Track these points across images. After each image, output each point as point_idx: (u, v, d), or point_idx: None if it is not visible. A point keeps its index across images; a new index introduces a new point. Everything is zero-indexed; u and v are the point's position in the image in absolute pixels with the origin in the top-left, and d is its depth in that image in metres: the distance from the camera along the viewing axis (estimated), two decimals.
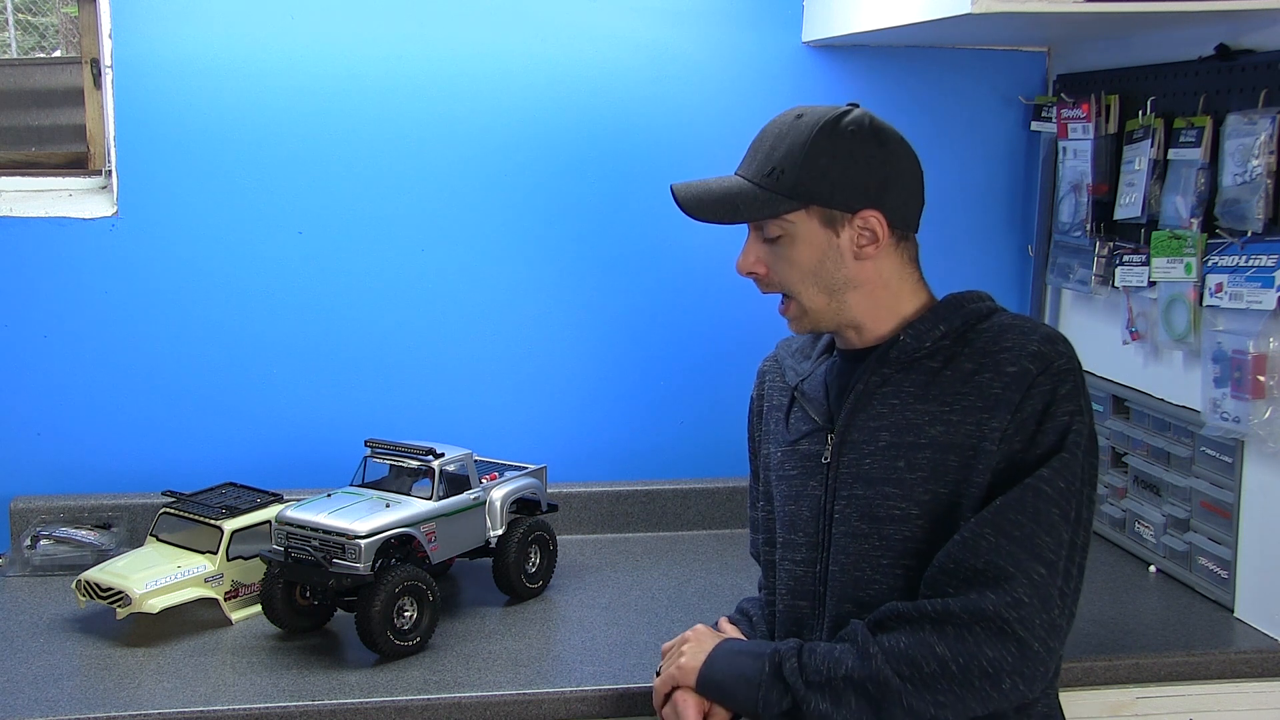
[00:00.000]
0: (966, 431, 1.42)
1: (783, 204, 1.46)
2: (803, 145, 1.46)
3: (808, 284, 1.50)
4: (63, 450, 2.18)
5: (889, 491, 1.45)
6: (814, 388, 1.58)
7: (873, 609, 1.44)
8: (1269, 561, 1.83)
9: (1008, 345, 1.44)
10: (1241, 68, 1.85)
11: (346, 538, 1.72)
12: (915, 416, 1.46)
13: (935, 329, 1.48)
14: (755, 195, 1.47)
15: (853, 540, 1.48)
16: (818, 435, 1.54)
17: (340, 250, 2.23)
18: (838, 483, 1.50)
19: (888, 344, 1.50)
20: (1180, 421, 1.99)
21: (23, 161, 2.25)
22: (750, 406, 1.73)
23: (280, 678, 1.67)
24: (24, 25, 3.03)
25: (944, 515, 1.43)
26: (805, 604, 1.54)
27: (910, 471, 1.44)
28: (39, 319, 2.15)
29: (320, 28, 2.17)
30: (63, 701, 1.58)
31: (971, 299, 1.52)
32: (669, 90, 2.30)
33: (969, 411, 1.42)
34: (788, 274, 1.50)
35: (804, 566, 1.54)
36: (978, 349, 1.46)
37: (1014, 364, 1.42)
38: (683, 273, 2.35)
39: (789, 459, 1.58)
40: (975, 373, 1.44)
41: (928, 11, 1.85)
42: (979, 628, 1.33)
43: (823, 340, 1.63)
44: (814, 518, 1.53)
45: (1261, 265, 1.77)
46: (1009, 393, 1.41)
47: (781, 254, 1.49)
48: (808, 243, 1.48)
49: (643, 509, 2.33)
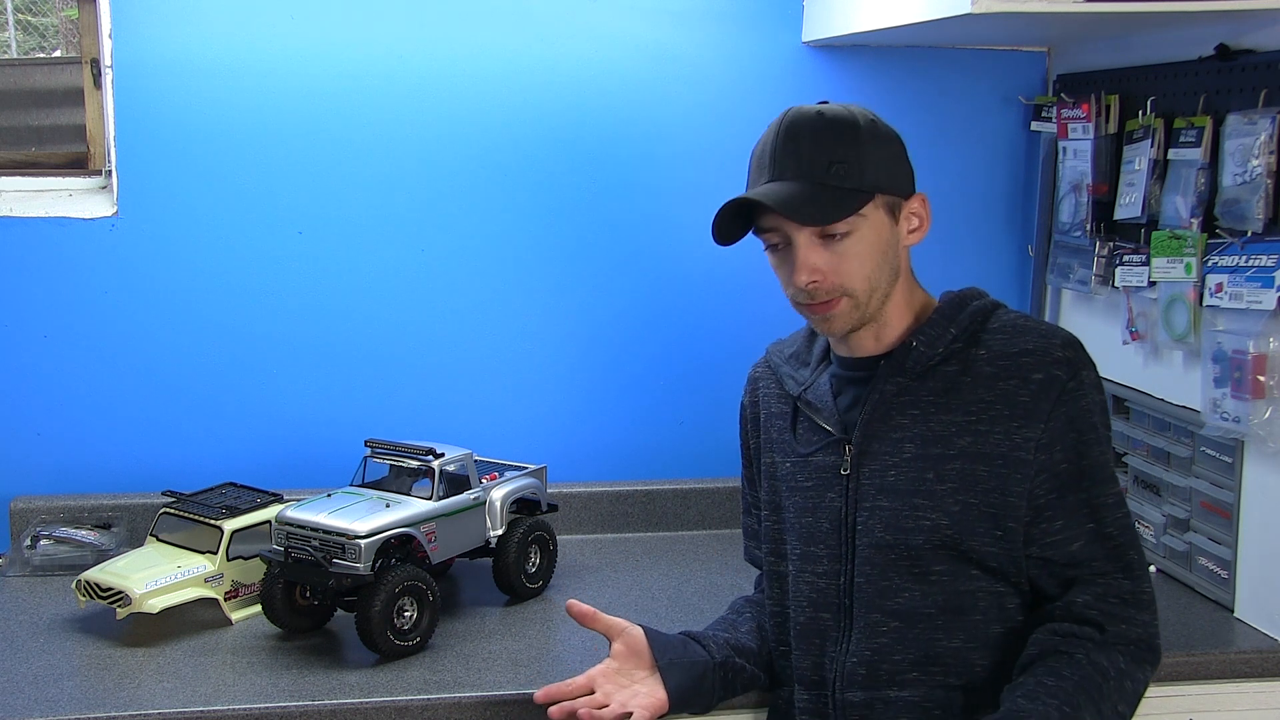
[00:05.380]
0: (996, 441, 1.42)
1: (859, 197, 1.43)
2: (854, 135, 1.43)
3: (871, 278, 1.46)
4: (63, 450, 2.18)
5: (918, 503, 1.45)
6: (820, 397, 1.56)
7: (902, 616, 1.45)
8: (1269, 561, 1.83)
9: (1029, 349, 1.44)
10: (1241, 68, 1.85)
11: (346, 538, 1.72)
12: (940, 427, 1.45)
13: (946, 333, 1.48)
14: (828, 194, 1.42)
15: (878, 551, 1.47)
16: (833, 447, 1.52)
17: (340, 250, 2.23)
18: (859, 494, 1.49)
19: (901, 352, 1.49)
20: (1180, 421, 1.99)
21: (23, 161, 2.25)
22: (743, 414, 1.72)
23: (280, 678, 1.67)
24: (24, 25, 3.03)
25: (973, 524, 1.43)
26: (828, 616, 1.53)
27: (940, 483, 1.44)
28: (39, 319, 2.15)
29: (320, 28, 2.17)
30: (63, 701, 1.58)
31: (972, 296, 1.52)
32: (669, 90, 2.30)
33: (997, 420, 1.42)
34: (855, 271, 1.44)
35: (826, 579, 1.52)
36: (995, 352, 1.45)
37: (1040, 370, 1.42)
38: (682, 273, 2.35)
39: (801, 470, 1.56)
40: (998, 378, 1.43)
41: (928, 11, 1.85)
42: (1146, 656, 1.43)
43: (818, 346, 1.61)
44: (834, 530, 1.51)
45: (1261, 265, 1.77)
46: (1038, 401, 1.41)
47: (848, 251, 1.44)
48: (876, 234, 1.45)
49: (643, 509, 2.33)
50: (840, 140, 1.43)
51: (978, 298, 1.52)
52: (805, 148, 1.44)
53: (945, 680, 1.45)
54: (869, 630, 1.47)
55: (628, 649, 1.58)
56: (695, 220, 2.34)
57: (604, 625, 1.60)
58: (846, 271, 1.44)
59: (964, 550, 1.43)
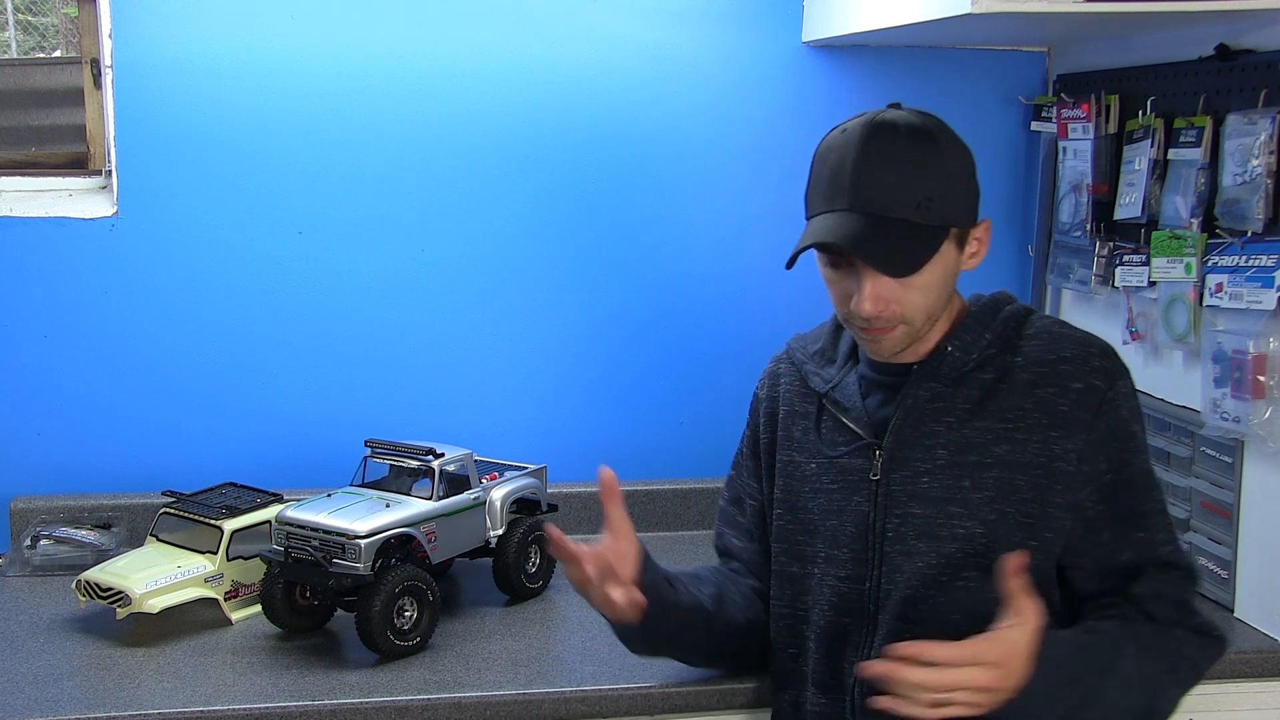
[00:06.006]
0: (1034, 449, 1.41)
1: (940, 235, 1.39)
2: (940, 164, 1.40)
3: (932, 309, 1.43)
4: (63, 450, 2.18)
5: (953, 511, 1.43)
6: (848, 397, 1.53)
7: (926, 624, 1.43)
8: (1269, 561, 1.83)
9: (1067, 356, 1.43)
10: (1241, 68, 1.85)
11: (346, 538, 1.72)
12: (975, 434, 1.43)
13: (981, 338, 1.46)
14: (914, 236, 1.38)
15: (908, 559, 1.45)
16: (862, 450, 1.50)
17: (340, 250, 2.23)
18: (889, 501, 1.47)
19: (935, 358, 1.47)
20: (1180, 421, 1.99)
21: (23, 161, 2.25)
22: (758, 405, 1.67)
23: (280, 678, 1.67)
24: (24, 25, 3.02)
25: (1009, 533, 1.42)
26: (850, 620, 1.50)
27: (976, 491, 1.43)
28: (39, 319, 2.15)
29: (320, 28, 2.17)
30: (63, 701, 1.58)
31: (1004, 301, 1.50)
32: (669, 90, 2.30)
33: (1035, 429, 1.41)
34: (919, 304, 1.41)
35: (849, 583, 1.50)
36: (1032, 359, 1.44)
37: (1079, 379, 1.41)
38: (682, 272, 2.35)
39: (826, 472, 1.54)
40: (1035, 386, 1.42)
41: (928, 11, 1.85)
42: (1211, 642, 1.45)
43: (844, 344, 1.58)
44: (861, 534, 1.49)
45: (1261, 265, 1.77)
46: (1078, 411, 1.40)
47: (915, 284, 1.40)
48: (944, 266, 1.42)
49: (643, 509, 2.33)
50: (927, 171, 1.39)
51: (1009, 302, 1.51)
52: (890, 178, 1.38)
53: None
54: (892, 637, 1.44)
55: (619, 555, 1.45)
56: (695, 220, 2.35)
57: (615, 516, 1.46)
58: (911, 304, 1.41)
59: (995, 559, 1.40)
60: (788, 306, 2.24)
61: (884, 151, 1.39)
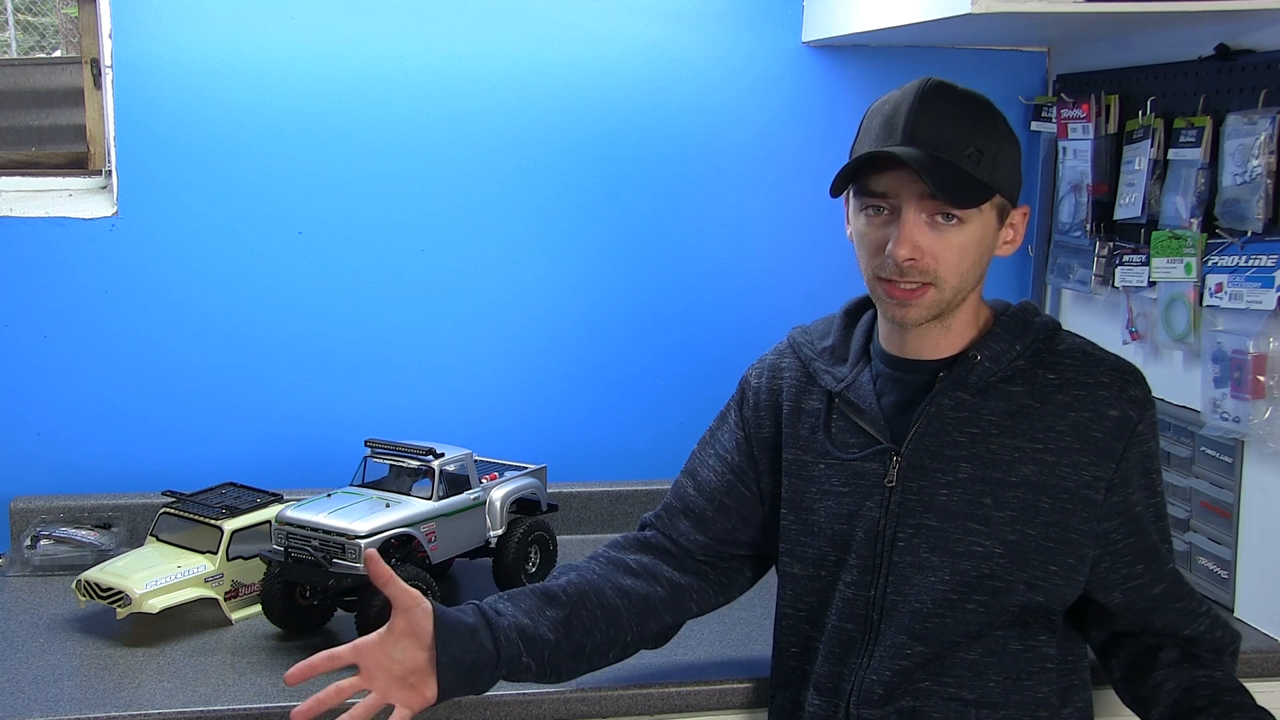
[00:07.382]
0: (1062, 474, 1.40)
1: (986, 190, 1.36)
2: (994, 125, 1.38)
3: (964, 275, 1.39)
4: (63, 450, 2.18)
5: (973, 528, 1.41)
6: (863, 398, 1.48)
7: (929, 641, 1.42)
8: (1269, 561, 1.83)
9: (1105, 382, 1.41)
10: (1241, 68, 1.85)
11: (346, 538, 1.72)
12: (1003, 451, 1.41)
13: (1011, 349, 1.44)
14: (969, 180, 1.35)
15: (919, 572, 1.43)
16: (878, 455, 1.46)
17: (340, 250, 2.23)
18: (903, 509, 1.44)
19: (963, 365, 1.44)
20: (1180, 421, 1.99)
21: (23, 161, 2.25)
22: (756, 398, 1.60)
23: (280, 678, 1.66)
24: (24, 25, 3.02)
25: (1027, 555, 1.40)
26: (852, 627, 1.48)
27: (998, 509, 1.40)
28: (39, 319, 2.15)
29: (321, 28, 2.17)
30: (63, 701, 1.58)
31: (1032, 312, 1.49)
32: (669, 90, 2.30)
33: (1065, 452, 1.40)
34: (953, 263, 1.37)
35: (855, 589, 1.47)
36: (1067, 379, 1.42)
37: (1115, 408, 1.40)
38: (682, 273, 2.35)
39: (835, 474, 1.49)
40: (1070, 408, 1.40)
41: (928, 11, 1.85)
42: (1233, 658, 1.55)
43: (857, 342, 1.54)
44: (870, 540, 1.46)
45: (1261, 265, 1.77)
46: (1112, 440, 1.40)
47: (953, 240, 1.37)
48: (982, 232, 1.39)
49: (643, 509, 2.31)
50: (981, 127, 1.37)
51: (1036, 313, 1.48)
52: (947, 122, 1.35)
53: (959, 694, 1.43)
54: (894, 651, 1.43)
55: (409, 628, 1.39)
56: (695, 220, 2.35)
57: (395, 591, 1.40)
58: (945, 260, 1.37)
59: (1010, 580, 1.40)
60: (788, 306, 2.24)
61: (940, 104, 1.37)
